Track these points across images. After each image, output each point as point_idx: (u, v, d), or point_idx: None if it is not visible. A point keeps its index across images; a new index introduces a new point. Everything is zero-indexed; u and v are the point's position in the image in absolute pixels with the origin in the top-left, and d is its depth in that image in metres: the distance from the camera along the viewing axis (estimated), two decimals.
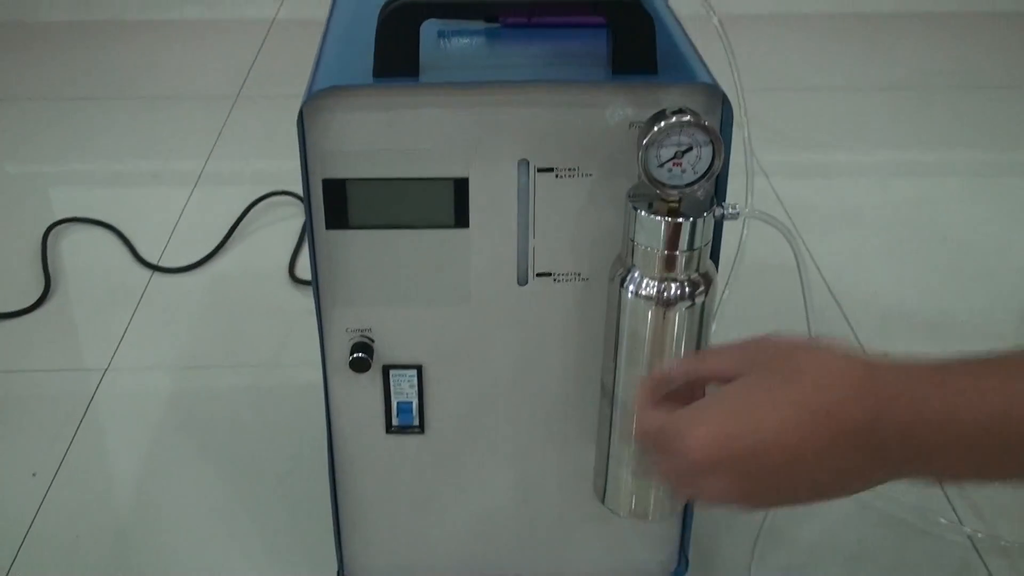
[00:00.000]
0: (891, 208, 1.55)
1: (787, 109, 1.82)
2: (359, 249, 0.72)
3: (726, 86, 0.68)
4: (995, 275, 1.38)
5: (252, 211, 1.48)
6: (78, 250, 1.42)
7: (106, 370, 1.19)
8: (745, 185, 0.78)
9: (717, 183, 0.69)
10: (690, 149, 0.64)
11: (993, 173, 1.66)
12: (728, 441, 0.48)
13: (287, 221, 1.48)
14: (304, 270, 1.36)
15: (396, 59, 0.66)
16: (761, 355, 0.53)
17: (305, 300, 1.31)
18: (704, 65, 0.70)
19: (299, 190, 1.49)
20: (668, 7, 0.80)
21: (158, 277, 1.36)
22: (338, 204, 0.70)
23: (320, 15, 0.79)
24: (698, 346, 0.70)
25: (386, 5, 0.65)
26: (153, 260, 1.38)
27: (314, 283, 0.73)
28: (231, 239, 1.43)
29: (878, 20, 2.28)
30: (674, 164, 0.65)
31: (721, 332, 0.73)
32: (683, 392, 0.59)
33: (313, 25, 0.78)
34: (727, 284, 0.86)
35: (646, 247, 0.67)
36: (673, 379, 0.59)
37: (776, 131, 1.72)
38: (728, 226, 0.70)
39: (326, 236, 0.72)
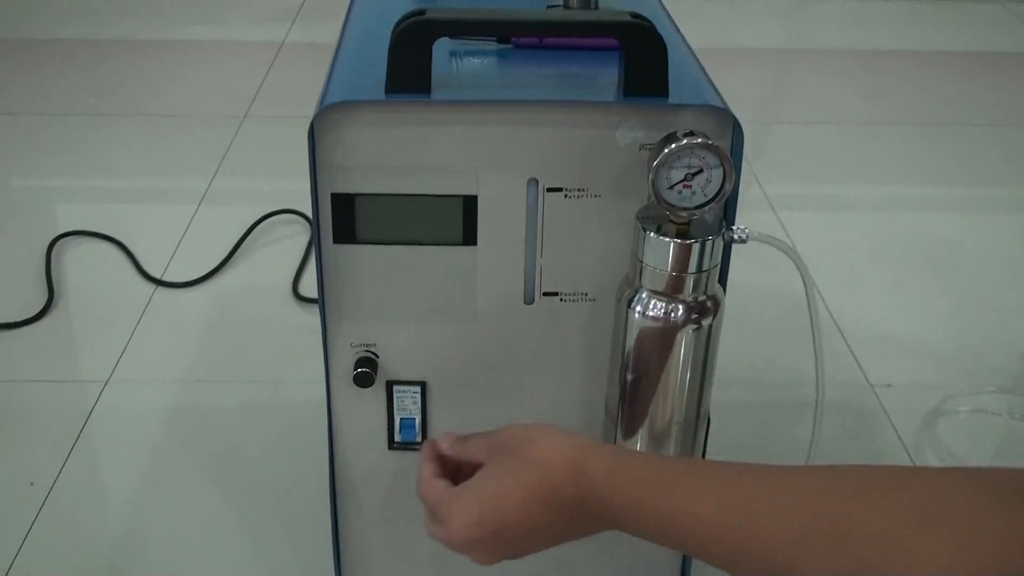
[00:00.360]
0: (896, 241, 1.55)
1: (793, 142, 1.82)
2: (366, 264, 0.72)
3: (735, 110, 0.68)
4: (999, 310, 1.38)
5: (257, 229, 1.48)
6: (82, 263, 1.42)
7: (107, 383, 1.19)
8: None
9: (726, 206, 0.69)
10: (700, 171, 0.64)
11: (1000, 209, 1.67)
12: (480, 526, 0.62)
13: (292, 239, 1.48)
14: (308, 288, 1.36)
15: (408, 75, 0.66)
16: (503, 443, 0.64)
17: (308, 318, 1.31)
18: (715, 89, 0.71)
19: (305, 209, 1.51)
20: (678, 31, 0.81)
21: (161, 292, 1.36)
22: (346, 218, 0.70)
23: (329, 39, 0.79)
24: (704, 368, 0.70)
25: (400, 21, 0.66)
26: (157, 275, 1.39)
27: (320, 297, 0.73)
28: (235, 256, 1.43)
29: (887, 56, 2.29)
30: (684, 186, 0.65)
31: (723, 358, 0.73)
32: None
33: (322, 49, 0.79)
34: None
35: (654, 268, 0.67)
36: (445, 455, 0.68)
37: (782, 163, 1.72)
38: (735, 250, 0.70)
39: (333, 250, 0.72)
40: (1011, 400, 1.19)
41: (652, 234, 0.66)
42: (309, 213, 1.51)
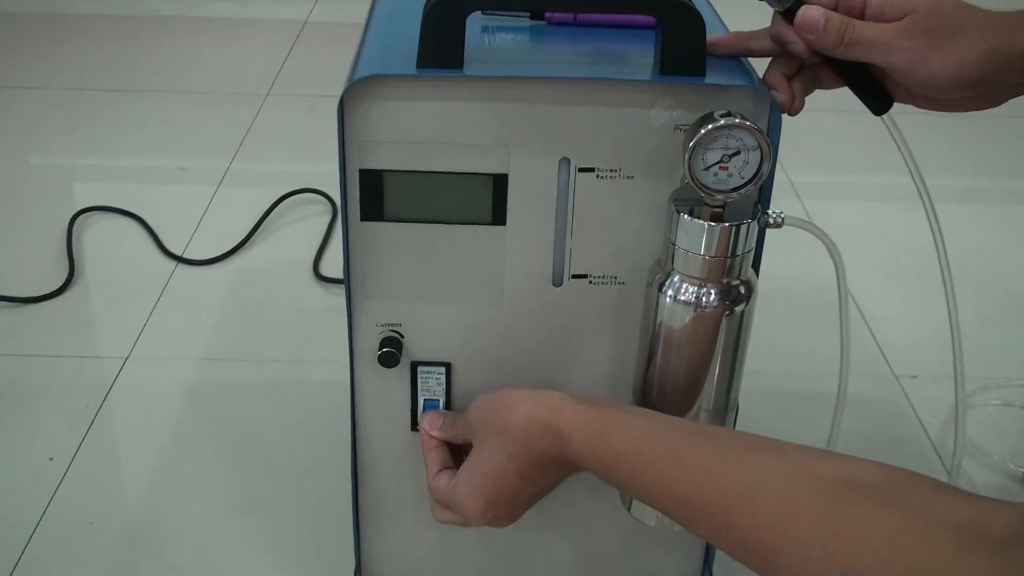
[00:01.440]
0: (924, 232, 1.53)
1: (820, 130, 1.80)
2: (393, 242, 0.71)
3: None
4: (1022, 303, 1.36)
5: (279, 208, 1.48)
6: (103, 239, 1.42)
7: (127, 359, 1.19)
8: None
9: (761, 190, 0.67)
10: (737, 153, 0.63)
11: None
12: (492, 507, 0.68)
13: (314, 219, 1.47)
14: (328, 268, 1.35)
15: (441, 50, 0.65)
16: (484, 419, 0.68)
17: (329, 298, 1.30)
18: (751, 69, 0.69)
19: (327, 189, 1.50)
20: (713, 9, 0.79)
21: (182, 269, 1.35)
22: (374, 195, 0.69)
23: (353, 17, 0.78)
24: (735, 355, 0.69)
25: None
26: (178, 252, 1.38)
27: (345, 275, 0.72)
28: (257, 234, 1.43)
29: None
30: (720, 168, 0.63)
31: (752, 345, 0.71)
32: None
33: (346, 27, 0.78)
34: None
35: (687, 251, 0.65)
36: (449, 439, 0.74)
37: (808, 151, 1.70)
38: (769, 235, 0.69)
39: (360, 227, 0.71)
40: None
41: (686, 216, 0.65)
42: (331, 193, 1.52)
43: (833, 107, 2.02)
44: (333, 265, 1.35)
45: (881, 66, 0.65)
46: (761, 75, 0.68)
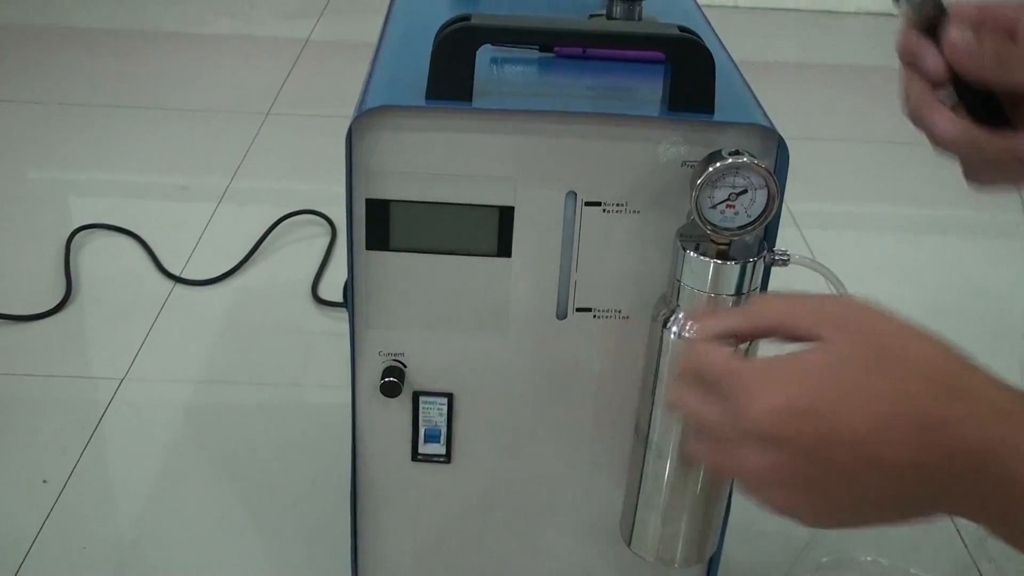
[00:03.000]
0: (924, 264, 1.53)
1: (821, 160, 1.81)
2: (398, 272, 0.71)
3: (781, 134, 0.67)
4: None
5: (278, 228, 1.47)
6: (101, 257, 1.41)
7: (123, 379, 1.18)
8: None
9: (767, 228, 0.67)
10: (745, 192, 0.63)
11: None
12: (803, 420, 0.41)
13: (313, 240, 1.47)
14: (327, 290, 1.34)
15: (450, 82, 0.65)
16: (848, 321, 0.46)
17: (327, 321, 1.30)
18: (760, 107, 0.69)
19: (327, 209, 1.50)
20: (723, 46, 0.79)
21: (180, 288, 1.35)
22: (380, 225, 0.69)
23: (356, 37, 0.78)
24: None
25: (444, 27, 0.65)
26: (176, 271, 1.37)
27: (349, 303, 0.72)
28: (255, 255, 1.42)
29: None
30: (727, 206, 0.63)
31: None
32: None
33: (348, 46, 0.78)
34: None
35: (693, 288, 0.65)
36: (736, 331, 0.51)
37: (809, 181, 1.70)
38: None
39: (365, 256, 0.70)
40: None
41: (692, 253, 0.65)
42: (331, 214, 1.52)
43: (833, 136, 2.02)
44: (332, 288, 1.35)
45: None
46: (772, 121, 0.68)
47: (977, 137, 0.56)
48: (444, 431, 0.76)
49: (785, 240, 0.70)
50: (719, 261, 0.64)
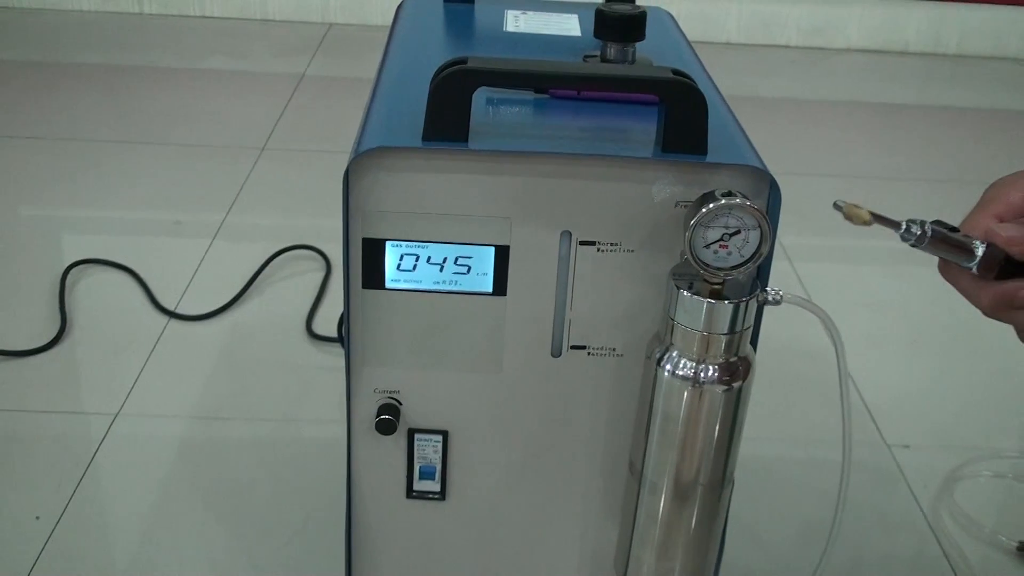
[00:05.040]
0: (914, 298, 1.54)
1: (811, 194, 1.82)
2: (394, 310, 0.71)
3: (772, 169, 0.68)
4: (1014, 373, 1.37)
5: (272, 264, 1.48)
6: (95, 292, 1.42)
7: (116, 415, 1.18)
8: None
9: (760, 267, 0.68)
10: (738, 232, 0.64)
11: None
12: None
13: (307, 275, 1.47)
14: (322, 326, 1.35)
15: (447, 124, 0.66)
16: None
17: (322, 356, 1.30)
18: (752, 148, 0.70)
19: (322, 245, 1.50)
20: (715, 86, 0.80)
21: (174, 324, 1.35)
22: (376, 264, 0.70)
23: (350, 72, 0.79)
24: (732, 431, 0.69)
25: (441, 69, 0.65)
26: (170, 307, 1.38)
27: (346, 341, 0.72)
28: (250, 291, 1.43)
29: (905, 111, 2.30)
30: (720, 246, 0.64)
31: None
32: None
33: (342, 82, 0.79)
34: None
35: (686, 327, 0.66)
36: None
37: (799, 215, 1.72)
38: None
39: (361, 295, 0.71)
40: None
41: (685, 293, 0.65)
42: (326, 249, 1.52)
43: (825, 171, 2.04)
44: (327, 323, 1.35)
45: None
46: (763, 161, 0.69)
47: None
48: (439, 468, 0.76)
49: (777, 274, 0.71)
50: (712, 300, 0.65)
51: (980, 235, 0.65)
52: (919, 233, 0.65)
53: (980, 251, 0.64)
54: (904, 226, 0.65)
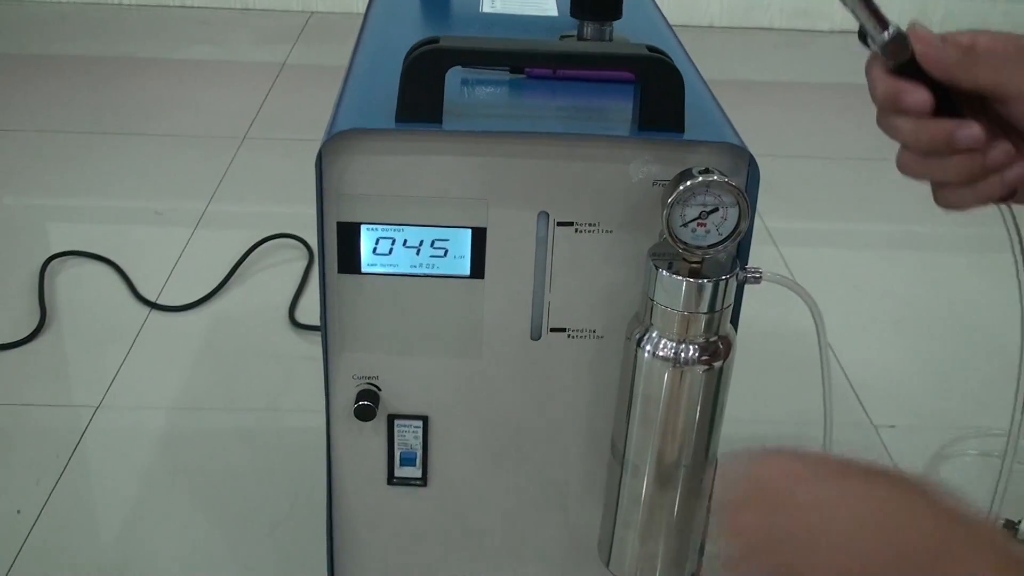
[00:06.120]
0: (900, 279, 1.54)
1: (796, 177, 1.82)
2: (370, 294, 0.70)
3: (757, 152, 0.67)
4: (1005, 350, 1.37)
5: (254, 253, 1.47)
6: (76, 284, 1.40)
7: (98, 407, 1.17)
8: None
9: (740, 246, 0.67)
10: (716, 210, 0.63)
11: (1004, 248, 1.66)
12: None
13: (289, 264, 1.46)
14: (304, 314, 1.34)
15: (420, 104, 0.65)
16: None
17: (304, 345, 1.29)
18: (731, 125, 0.69)
19: (303, 234, 1.49)
20: (693, 65, 0.80)
21: (156, 315, 1.34)
22: (352, 248, 0.69)
23: (332, 61, 0.78)
24: (714, 410, 0.69)
25: (412, 50, 0.65)
26: (152, 298, 1.37)
27: (323, 327, 0.72)
28: (232, 280, 1.41)
29: None
30: (698, 224, 0.63)
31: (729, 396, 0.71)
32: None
33: (324, 71, 0.78)
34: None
35: (665, 307, 0.65)
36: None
37: (784, 198, 1.71)
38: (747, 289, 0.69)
39: (337, 280, 0.70)
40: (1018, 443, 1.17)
41: (664, 272, 0.65)
42: (307, 238, 1.51)
43: (811, 154, 2.03)
44: (309, 312, 1.34)
45: (1004, 95, 0.59)
46: (742, 138, 0.69)
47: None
48: (420, 454, 0.76)
49: (763, 257, 0.70)
50: (691, 279, 0.64)
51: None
52: None
53: (891, 30, 0.60)
54: None
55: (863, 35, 0.60)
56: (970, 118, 0.59)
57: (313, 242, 1.49)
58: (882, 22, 0.60)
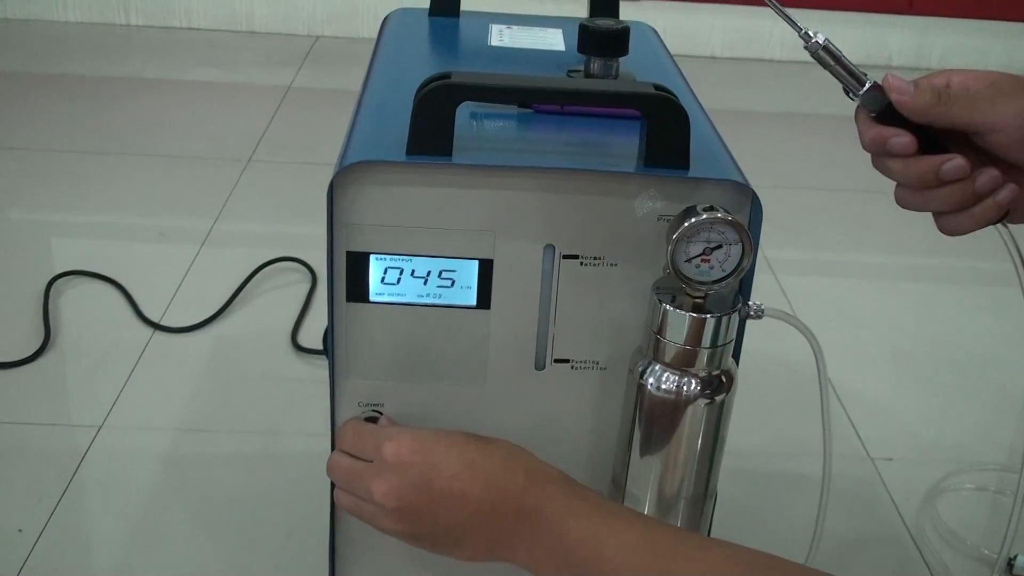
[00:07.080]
0: (899, 311, 1.55)
1: (796, 207, 1.83)
2: (378, 323, 0.71)
3: (758, 183, 0.68)
4: (1003, 385, 1.38)
5: (258, 275, 1.48)
6: (80, 303, 1.41)
7: (100, 428, 1.17)
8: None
9: (742, 281, 0.69)
10: (720, 246, 0.64)
11: (1003, 283, 1.67)
12: (408, 465, 0.67)
13: (292, 287, 1.47)
14: (307, 338, 1.35)
15: (431, 138, 0.66)
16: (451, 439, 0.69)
17: (307, 368, 1.30)
18: (734, 162, 0.71)
19: (307, 256, 1.50)
20: (697, 101, 0.81)
21: (159, 336, 1.35)
22: (360, 277, 0.70)
23: (337, 84, 0.79)
24: (714, 444, 0.70)
25: (424, 84, 0.66)
26: (155, 318, 1.37)
27: (330, 354, 0.73)
28: (235, 302, 1.42)
29: None
30: (702, 260, 0.65)
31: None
32: None
33: (328, 94, 0.79)
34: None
35: (669, 341, 0.66)
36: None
37: (784, 228, 1.73)
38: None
39: (346, 308, 0.71)
40: (1014, 478, 1.18)
41: (668, 306, 0.66)
42: (311, 261, 1.52)
43: (810, 185, 2.05)
44: (312, 335, 1.35)
45: (979, 129, 0.64)
46: (745, 176, 0.70)
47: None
48: None
49: (761, 287, 0.71)
50: (695, 314, 0.65)
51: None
52: (817, 42, 0.67)
53: (868, 84, 0.65)
54: (804, 30, 0.67)
55: (847, 90, 0.67)
56: (954, 151, 0.64)
57: (317, 266, 1.51)
58: (858, 79, 0.66)
